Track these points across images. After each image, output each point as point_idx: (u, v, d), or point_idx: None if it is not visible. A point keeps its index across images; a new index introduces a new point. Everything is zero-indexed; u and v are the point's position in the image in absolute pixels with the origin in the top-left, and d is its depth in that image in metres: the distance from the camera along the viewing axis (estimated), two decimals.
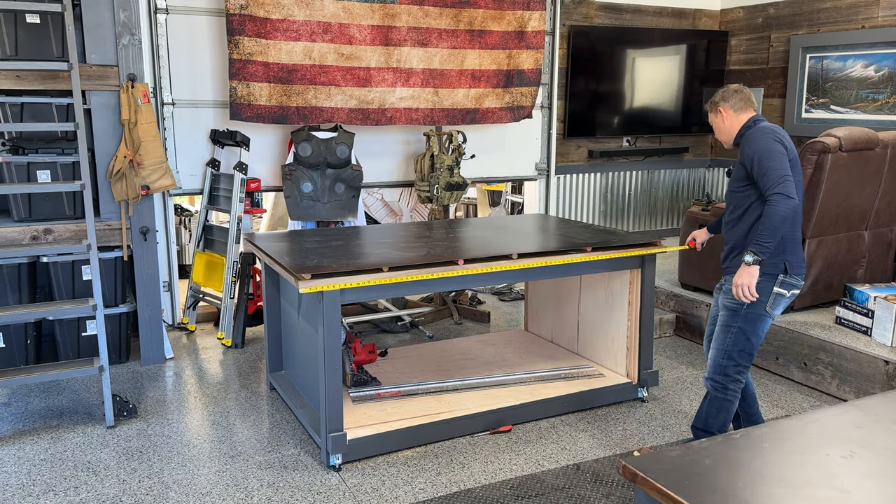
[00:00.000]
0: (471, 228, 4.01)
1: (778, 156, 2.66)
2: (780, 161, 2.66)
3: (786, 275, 2.77)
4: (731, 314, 2.85)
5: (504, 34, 5.29)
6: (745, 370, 2.91)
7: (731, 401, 2.92)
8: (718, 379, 2.92)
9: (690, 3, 6.54)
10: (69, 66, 3.46)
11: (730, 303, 2.85)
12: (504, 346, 4.34)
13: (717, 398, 2.94)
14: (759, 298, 2.77)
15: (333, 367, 3.02)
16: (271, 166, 5.05)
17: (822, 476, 1.54)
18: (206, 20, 4.73)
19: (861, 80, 5.54)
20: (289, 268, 3.01)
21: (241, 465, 3.16)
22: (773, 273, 2.77)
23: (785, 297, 2.80)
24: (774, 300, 2.80)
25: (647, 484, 1.52)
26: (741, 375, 2.90)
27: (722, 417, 2.94)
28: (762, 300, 2.78)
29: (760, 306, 2.79)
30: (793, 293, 2.83)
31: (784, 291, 2.79)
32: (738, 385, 2.91)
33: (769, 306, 2.80)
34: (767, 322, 2.84)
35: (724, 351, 2.89)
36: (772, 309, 2.81)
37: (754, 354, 2.92)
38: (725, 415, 2.93)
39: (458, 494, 2.91)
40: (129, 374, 4.19)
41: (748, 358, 2.89)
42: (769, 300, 2.79)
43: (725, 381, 2.91)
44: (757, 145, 2.71)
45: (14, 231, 3.89)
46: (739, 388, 2.92)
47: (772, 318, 2.84)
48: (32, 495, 2.91)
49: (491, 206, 7.48)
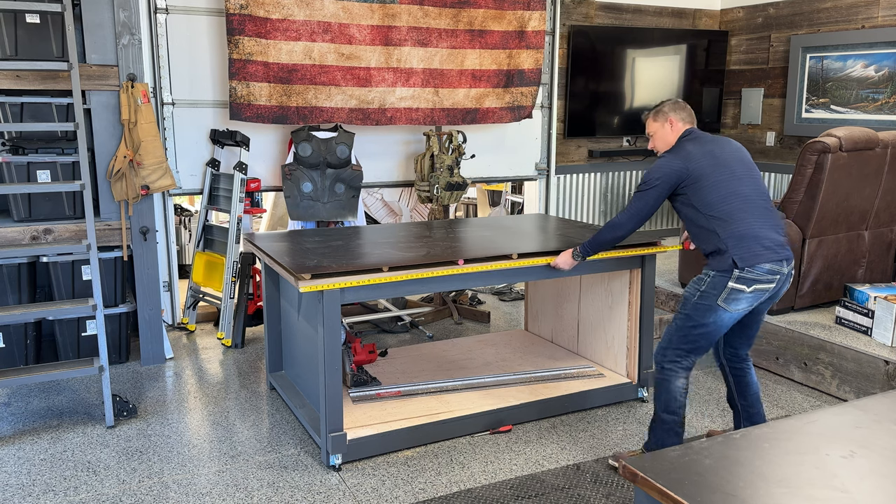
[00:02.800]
0: (471, 228, 4.01)
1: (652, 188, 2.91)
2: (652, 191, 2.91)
3: (740, 270, 2.77)
4: (684, 302, 2.93)
5: (504, 34, 5.29)
6: (685, 357, 2.93)
7: (666, 381, 2.95)
8: (658, 358, 3.00)
9: (690, 3, 6.54)
10: (69, 66, 3.45)
11: (686, 292, 2.95)
12: (504, 346, 4.34)
13: (656, 377, 3.01)
14: (711, 291, 2.82)
15: (333, 367, 3.02)
16: (271, 166, 5.05)
17: (822, 476, 1.54)
18: (206, 20, 4.73)
19: (861, 79, 5.54)
20: (289, 268, 3.01)
21: (241, 465, 3.16)
22: (724, 270, 2.80)
23: (745, 292, 2.79)
24: (729, 294, 2.79)
25: (647, 484, 1.52)
26: (679, 359, 2.93)
27: (663, 398, 2.97)
28: (713, 293, 2.82)
29: (711, 298, 2.82)
30: (757, 288, 2.80)
31: (742, 287, 2.78)
32: (675, 366, 2.94)
33: (722, 300, 2.80)
34: (721, 315, 2.83)
35: (668, 333, 2.97)
36: (726, 303, 2.81)
37: (701, 345, 2.91)
38: (666, 395, 2.96)
39: (458, 494, 2.91)
40: (128, 374, 4.19)
41: (690, 345, 2.90)
42: (721, 294, 2.80)
43: (662, 361, 2.97)
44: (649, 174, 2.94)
45: (14, 231, 3.89)
46: (676, 372, 2.94)
47: (729, 313, 2.83)
48: (32, 495, 2.91)
49: (491, 206, 7.48)
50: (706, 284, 2.85)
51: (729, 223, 2.82)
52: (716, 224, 2.84)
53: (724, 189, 2.84)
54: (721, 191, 2.84)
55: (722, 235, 2.82)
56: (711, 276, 2.84)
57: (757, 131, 6.45)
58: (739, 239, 2.80)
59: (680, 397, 2.98)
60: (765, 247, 2.80)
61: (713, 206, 2.84)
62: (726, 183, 2.85)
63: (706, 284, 2.85)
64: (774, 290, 2.87)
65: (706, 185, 2.85)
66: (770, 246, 2.81)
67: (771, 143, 6.31)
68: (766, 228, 2.83)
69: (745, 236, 2.80)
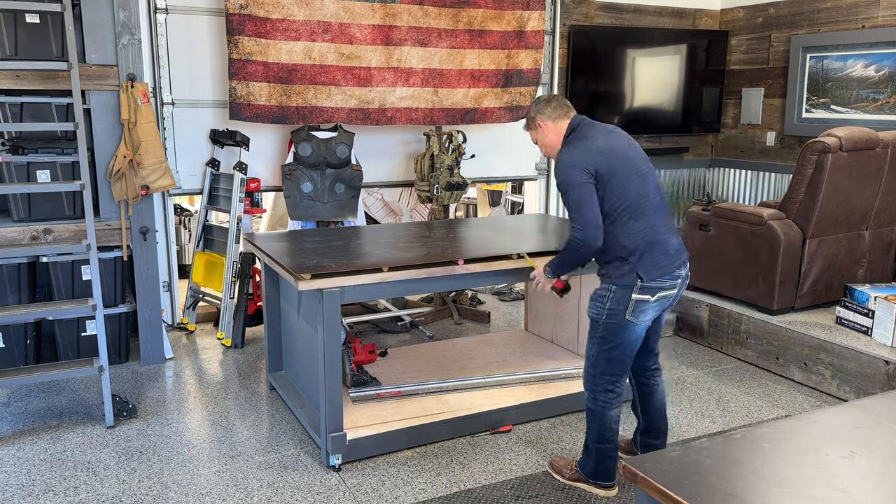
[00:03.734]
0: (471, 228, 4.00)
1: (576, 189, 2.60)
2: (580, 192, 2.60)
3: (642, 281, 2.62)
4: (593, 324, 2.74)
5: (503, 34, 5.29)
6: (617, 381, 2.76)
7: (602, 411, 2.77)
8: (588, 387, 2.80)
9: (690, 2, 6.53)
10: (69, 65, 3.45)
11: (590, 313, 2.75)
12: (504, 346, 4.34)
13: (588, 409, 2.82)
14: (617, 307, 2.66)
15: (333, 367, 3.02)
16: (271, 166, 5.04)
17: (822, 476, 1.54)
18: (206, 20, 4.73)
19: (861, 79, 5.54)
20: (289, 268, 3.01)
21: (241, 465, 3.16)
22: (627, 284, 2.64)
23: (650, 301, 2.65)
24: (636, 307, 2.64)
25: (647, 484, 1.52)
26: (612, 386, 2.75)
27: (595, 428, 2.79)
28: (619, 308, 2.65)
29: (619, 315, 2.66)
30: (661, 296, 2.66)
31: (646, 297, 2.64)
32: (609, 396, 2.76)
33: (629, 314, 2.65)
34: (634, 329, 2.68)
35: (590, 360, 2.77)
36: (634, 316, 2.65)
37: (627, 363, 2.75)
38: (599, 426, 2.78)
39: (458, 495, 2.91)
40: (128, 374, 4.19)
41: (618, 367, 2.74)
42: (629, 308, 2.64)
43: (594, 391, 2.78)
44: (560, 177, 2.66)
45: (14, 231, 3.89)
46: (611, 402, 2.76)
47: (639, 325, 2.68)
48: (32, 495, 2.91)
49: (491, 206, 7.48)
50: (610, 300, 2.67)
51: (634, 228, 2.63)
52: (620, 229, 2.63)
53: (631, 189, 2.62)
54: (628, 191, 2.62)
55: (627, 244, 2.63)
56: (613, 291, 2.66)
57: (757, 131, 6.44)
58: (646, 248, 2.62)
59: (614, 426, 2.81)
60: (668, 255, 2.66)
61: (618, 209, 2.62)
62: (632, 181, 2.63)
63: (610, 300, 2.67)
64: (676, 295, 2.74)
65: (614, 184, 2.61)
66: (672, 253, 2.68)
67: (771, 143, 6.31)
68: (668, 233, 2.68)
69: (652, 244, 2.63)
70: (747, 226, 4.36)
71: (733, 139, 6.68)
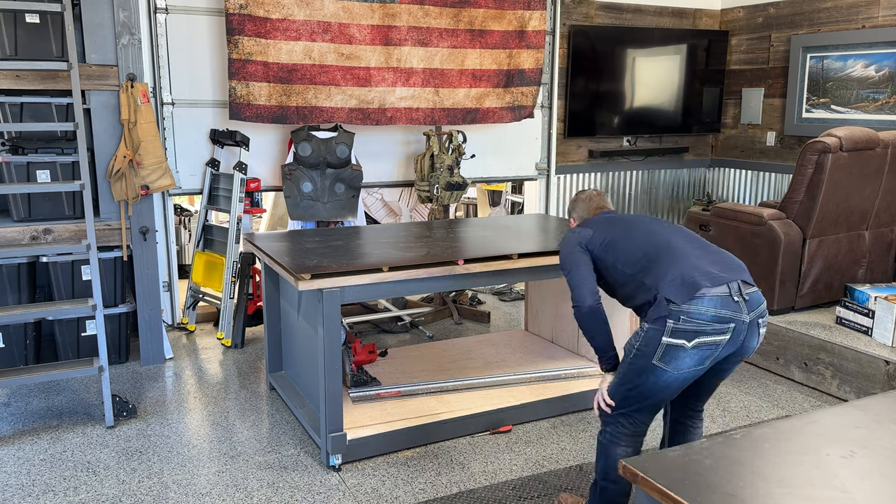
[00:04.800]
0: (471, 228, 4.00)
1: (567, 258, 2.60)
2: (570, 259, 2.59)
3: (675, 321, 2.26)
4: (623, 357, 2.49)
5: (504, 34, 5.29)
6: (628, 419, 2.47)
7: (608, 444, 2.51)
8: (600, 414, 2.56)
9: (691, 2, 6.53)
10: (69, 65, 3.45)
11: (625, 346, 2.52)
12: (504, 346, 4.33)
13: (598, 441, 2.59)
14: (644, 349, 2.35)
15: (333, 367, 3.02)
16: (271, 166, 5.04)
17: (822, 476, 1.54)
18: (206, 20, 4.73)
19: (861, 79, 5.54)
20: (289, 268, 3.01)
21: (241, 465, 3.16)
22: (659, 318, 2.31)
23: (685, 348, 2.26)
24: (666, 352, 2.28)
25: (647, 484, 1.52)
26: (625, 420, 2.47)
27: (601, 464, 2.54)
28: (646, 350, 2.33)
29: (645, 358, 2.34)
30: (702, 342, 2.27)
31: (681, 342, 2.26)
32: (616, 430, 2.49)
33: (657, 359, 2.30)
34: (661, 376, 2.32)
35: (610, 389, 2.51)
36: (664, 363, 2.30)
37: (646, 407, 2.42)
38: (605, 461, 2.52)
39: (458, 495, 2.91)
40: (128, 374, 4.19)
41: (629, 406, 2.44)
42: (656, 352, 2.30)
43: (605, 421, 2.54)
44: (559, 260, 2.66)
45: (14, 231, 3.89)
46: (617, 438, 2.49)
47: (673, 374, 2.30)
48: (32, 495, 2.91)
49: (491, 206, 7.48)
50: (641, 340, 2.37)
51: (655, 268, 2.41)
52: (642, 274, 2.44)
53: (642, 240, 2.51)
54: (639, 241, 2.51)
55: (648, 282, 2.39)
56: (645, 331, 2.35)
57: (757, 131, 6.44)
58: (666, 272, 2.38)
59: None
60: (702, 273, 2.32)
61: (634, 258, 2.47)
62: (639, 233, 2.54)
63: (641, 340, 2.37)
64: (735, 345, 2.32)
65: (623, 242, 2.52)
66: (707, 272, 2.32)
67: (771, 143, 6.31)
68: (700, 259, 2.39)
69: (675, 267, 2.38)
70: (747, 226, 4.36)
71: (733, 139, 6.68)
